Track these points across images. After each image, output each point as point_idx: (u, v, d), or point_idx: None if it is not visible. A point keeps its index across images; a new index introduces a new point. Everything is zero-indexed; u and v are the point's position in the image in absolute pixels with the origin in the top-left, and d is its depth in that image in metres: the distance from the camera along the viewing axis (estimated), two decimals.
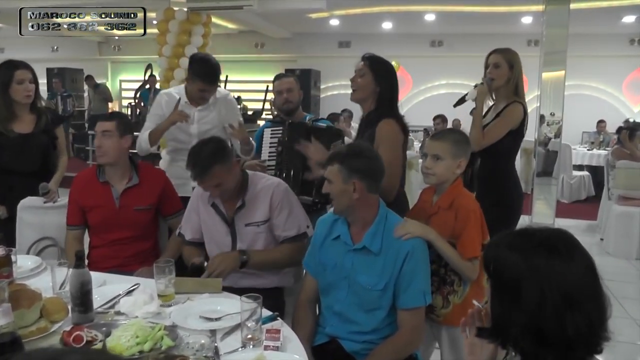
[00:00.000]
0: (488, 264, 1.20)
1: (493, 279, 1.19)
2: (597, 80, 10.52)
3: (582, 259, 1.14)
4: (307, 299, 2.18)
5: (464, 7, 8.73)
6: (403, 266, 1.95)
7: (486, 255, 1.21)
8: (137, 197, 2.70)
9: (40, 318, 1.81)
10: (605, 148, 8.64)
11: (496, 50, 3.10)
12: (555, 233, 1.18)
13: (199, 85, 3.14)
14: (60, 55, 13.55)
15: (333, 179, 2.00)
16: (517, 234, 1.20)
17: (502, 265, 1.15)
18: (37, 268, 2.40)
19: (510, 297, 1.13)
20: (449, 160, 2.17)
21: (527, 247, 1.14)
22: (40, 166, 3.15)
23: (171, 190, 2.87)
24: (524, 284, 1.11)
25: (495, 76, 3.03)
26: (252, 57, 12.30)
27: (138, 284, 2.16)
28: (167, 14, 7.31)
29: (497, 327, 1.18)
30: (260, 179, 2.51)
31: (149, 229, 2.79)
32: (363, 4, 9.04)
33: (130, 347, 1.60)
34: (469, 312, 1.37)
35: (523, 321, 1.11)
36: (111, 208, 2.70)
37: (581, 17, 7.98)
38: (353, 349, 2.01)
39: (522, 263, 1.12)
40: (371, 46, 11.88)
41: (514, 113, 2.98)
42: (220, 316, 1.84)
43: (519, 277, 1.12)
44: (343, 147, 2.07)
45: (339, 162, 1.99)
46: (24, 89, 3.03)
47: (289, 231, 2.44)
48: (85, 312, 1.85)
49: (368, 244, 1.99)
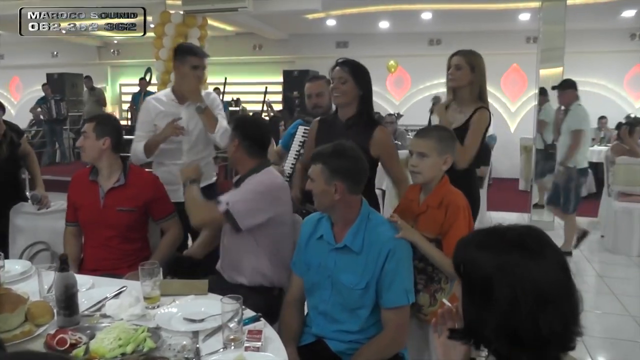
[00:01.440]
0: (458, 264, 1.18)
1: (463, 280, 1.17)
2: (597, 76, 10.47)
3: (553, 256, 1.11)
4: (293, 299, 2.18)
5: (460, 5, 8.71)
6: (385, 265, 1.94)
7: (456, 256, 1.19)
8: (121, 198, 2.70)
9: (25, 322, 1.80)
10: (607, 144, 8.58)
11: (458, 52, 3.08)
12: (526, 230, 1.15)
13: (191, 62, 3.12)
14: (60, 61, 13.61)
15: (315, 178, 2.01)
16: (487, 233, 1.18)
17: (472, 265, 1.13)
18: (26, 272, 2.39)
19: (481, 297, 1.10)
20: (434, 157, 2.16)
21: (497, 246, 1.12)
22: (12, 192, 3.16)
23: (162, 195, 2.84)
24: (495, 284, 1.08)
25: (456, 77, 3.02)
26: (250, 59, 12.31)
27: (125, 286, 2.15)
28: (163, 17, 7.33)
29: (470, 329, 1.16)
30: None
31: (135, 231, 2.77)
32: (359, 4, 9.03)
33: (112, 349, 1.60)
34: (439, 312, 1.36)
35: (496, 322, 1.08)
36: (96, 207, 2.71)
37: (579, 13, 7.96)
38: (339, 349, 2.00)
39: (492, 262, 1.10)
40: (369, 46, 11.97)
41: (482, 121, 2.95)
42: (204, 317, 1.84)
43: (489, 277, 1.09)
44: (327, 146, 2.06)
45: (322, 162, 2.00)
46: None
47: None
48: (70, 315, 1.85)
49: (349, 243, 1.99)
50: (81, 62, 13.44)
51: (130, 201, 2.70)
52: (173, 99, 3.22)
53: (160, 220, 2.83)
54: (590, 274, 5.18)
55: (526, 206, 7.14)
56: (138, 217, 2.75)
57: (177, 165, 3.15)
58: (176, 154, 3.21)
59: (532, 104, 7.89)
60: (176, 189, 3.13)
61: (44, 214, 3.04)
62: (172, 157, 3.22)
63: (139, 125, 3.29)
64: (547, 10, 6.72)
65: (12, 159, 3.14)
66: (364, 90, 2.75)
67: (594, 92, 10.42)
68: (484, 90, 3.05)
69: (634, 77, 10.73)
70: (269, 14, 8.44)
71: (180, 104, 3.20)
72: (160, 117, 3.19)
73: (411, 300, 1.98)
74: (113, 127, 2.75)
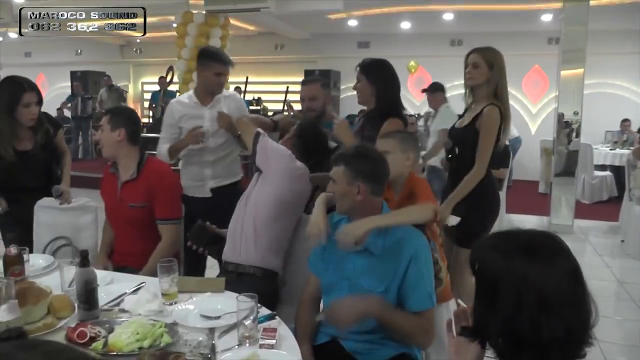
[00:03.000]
0: (473, 263, 1.20)
1: (476, 279, 1.19)
2: (620, 78, 10.33)
3: (563, 264, 1.12)
4: (310, 298, 2.19)
5: (482, 5, 8.66)
6: (408, 270, 1.95)
7: (472, 255, 1.21)
8: (133, 193, 2.71)
9: (47, 314, 1.85)
10: (629, 147, 8.48)
11: (475, 50, 3.04)
12: (540, 236, 1.16)
13: (215, 69, 3.19)
14: (84, 59, 13.81)
15: (337, 180, 2.02)
16: (502, 235, 1.20)
17: (483, 264, 1.16)
18: (49, 267, 2.47)
19: (488, 297, 1.13)
20: (398, 153, 2.31)
21: (508, 248, 1.13)
22: (46, 182, 3.18)
23: (169, 195, 2.76)
24: (501, 285, 1.11)
25: (474, 76, 2.99)
26: (272, 59, 12.36)
27: (144, 282, 2.20)
28: (185, 17, 7.41)
29: (477, 327, 1.19)
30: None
31: (152, 229, 2.74)
32: (381, 4, 9.03)
33: (130, 343, 1.64)
34: (454, 312, 1.38)
35: (499, 322, 1.11)
36: (115, 200, 2.77)
37: (601, 13, 7.86)
38: (353, 348, 2.01)
39: (501, 263, 1.12)
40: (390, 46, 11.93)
41: (491, 121, 2.91)
42: (220, 315, 1.87)
43: (497, 277, 1.11)
44: (350, 148, 2.10)
45: (345, 164, 2.01)
46: (29, 112, 3.02)
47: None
48: (90, 309, 1.89)
49: (370, 246, 2.00)
50: (104, 60, 13.63)
51: (141, 196, 2.70)
52: (196, 101, 3.29)
53: (158, 220, 2.73)
54: (610, 279, 5.11)
55: (546, 209, 7.08)
56: (148, 214, 2.72)
57: (204, 163, 3.28)
58: (203, 152, 3.28)
59: (553, 105, 7.81)
60: (202, 184, 3.26)
61: (66, 210, 3.08)
62: (200, 155, 3.30)
63: (164, 128, 3.37)
64: (569, 11, 6.66)
65: (47, 149, 3.19)
66: (378, 85, 2.84)
67: (617, 94, 10.30)
68: (503, 89, 2.99)
69: None
70: (290, 14, 8.47)
71: (203, 105, 3.27)
72: (185, 120, 3.27)
73: (434, 302, 1.99)
74: (127, 117, 2.77)
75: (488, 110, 2.91)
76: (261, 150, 2.54)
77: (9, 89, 3.02)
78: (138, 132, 2.79)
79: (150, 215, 2.72)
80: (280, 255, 2.58)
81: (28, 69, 13.98)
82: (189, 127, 3.22)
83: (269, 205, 2.50)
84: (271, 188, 2.52)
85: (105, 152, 2.78)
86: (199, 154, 3.28)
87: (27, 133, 3.10)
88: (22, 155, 3.08)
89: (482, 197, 2.98)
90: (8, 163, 3.03)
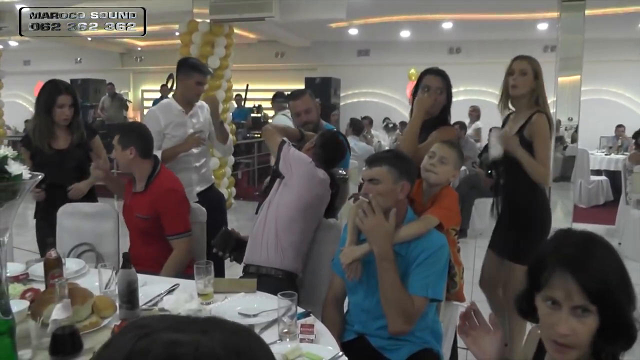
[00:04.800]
0: (594, 288, 1.16)
1: (604, 302, 1.17)
2: (615, 85, 10.53)
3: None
4: (334, 297, 2.29)
5: (480, 14, 8.83)
6: (424, 258, 2.05)
7: (593, 287, 1.16)
8: (140, 205, 2.84)
9: (91, 314, 1.97)
10: (624, 153, 8.63)
11: (522, 57, 2.93)
12: (583, 232, 1.26)
13: (196, 78, 3.37)
14: (84, 67, 13.85)
15: (382, 179, 2.08)
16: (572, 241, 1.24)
17: (611, 287, 1.17)
18: (81, 270, 2.58)
19: (626, 296, 1.19)
20: (451, 167, 2.40)
21: (612, 254, 1.22)
22: (78, 180, 3.37)
23: (170, 209, 2.81)
24: (620, 282, 1.18)
25: (520, 84, 2.88)
26: (273, 66, 12.48)
27: (177, 284, 2.31)
28: (190, 26, 7.49)
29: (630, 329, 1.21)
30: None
31: (155, 238, 2.84)
32: (381, 13, 9.17)
33: None
34: (461, 313, 1.51)
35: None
36: (127, 208, 2.94)
37: (597, 23, 8.03)
38: (379, 344, 2.11)
39: (610, 264, 1.19)
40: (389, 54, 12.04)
41: (543, 128, 2.84)
42: (257, 313, 1.99)
43: (616, 273, 1.19)
44: (385, 151, 2.21)
45: (389, 164, 2.10)
46: (63, 113, 3.28)
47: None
48: (132, 308, 2.00)
49: (396, 248, 2.08)
50: (104, 68, 13.70)
51: (146, 209, 2.81)
52: (180, 108, 3.45)
53: (168, 237, 2.82)
54: None
55: None
56: (152, 225, 2.82)
57: (190, 169, 3.45)
58: (190, 158, 3.45)
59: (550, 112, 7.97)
60: (190, 190, 3.40)
61: (88, 216, 3.18)
62: (187, 161, 3.46)
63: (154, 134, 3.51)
64: (566, 20, 6.80)
65: (82, 148, 3.39)
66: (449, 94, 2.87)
67: (612, 101, 10.48)
68: (544, 101, 2.91)
69: None
70: (294, 23, 8.60)
71: (187, 113, 3.45)
72: (171, 127, 3.42)
73: (430, 295, 2.04)
74: (136, 134, 2.88)
75: (538, 117, 2.84)
76: (284, 157, 2.68)
77: (48, 90, 3.30)
78: (149, 147, 2.89)
79: (156, 226, 2.81)
80: (301, 258, 2.69)
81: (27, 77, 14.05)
82: (176, 134, 3.39)
83: (290, 209, 2.63)
84: (292, 192, 2.64)
85: (121, 169, 2.96)
86: (186, 160, 3.44)
87: (63, 133, 3.34)
88: (57, 153, 3.31)
89: (538, 212, 2.96)
90: (46, 159, 3.24)
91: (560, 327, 1.16)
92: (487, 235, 6.61)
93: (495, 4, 8.09)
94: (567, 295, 1.15)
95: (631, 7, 8.05)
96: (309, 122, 3.22)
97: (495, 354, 1.48)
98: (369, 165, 2.14)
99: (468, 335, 1.53)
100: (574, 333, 1.15)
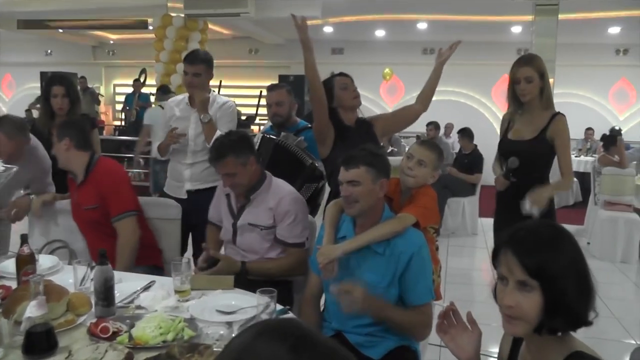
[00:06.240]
0: (536, 270, 1.25)
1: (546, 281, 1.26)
2: (585, 89, 10.76)
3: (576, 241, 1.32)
4: (311, 295, 2.30)
5: (455, 16, 8.92)
6: (409, 266, 2.06)
7: (537, 263, 1.26)
8: (85, 196, 2.80)
9: (66, 311, 1.93)
10: (593, 155, 8.82)
11: (524, 62, 2.91)
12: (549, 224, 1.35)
13: (185, 68, 3.34)
14: (54, 59, 13.59)
15: (362, 180, 2.07)
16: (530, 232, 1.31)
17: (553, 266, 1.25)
18: (54, 267, 2.52)
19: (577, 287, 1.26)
20: (430, 169, 2.37)
21: (554, 242, 1.28)
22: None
23: (113, 189, 2.79)
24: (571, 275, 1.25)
25: (529, 91, 2.87)
26: (246, 63, 12.43)
27: (154, 281, 2.29)
28: (164, 20, 7.43)
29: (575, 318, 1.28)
30: (277, 184, 2.64)
31: (112, 228, 2.78)
32: (357, 12, 9.19)
33: (155, 337, 1.74)
34: (440, 312, 1.55)
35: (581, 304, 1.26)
36: (74, 205, 2.90)
37: (570, 27, 8.20)
38: (357, 341, 2.12)
39: (560, 257, 1.26)
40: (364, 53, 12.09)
41: (567, 130, 2.89)
42: (235, 310, 1.98)
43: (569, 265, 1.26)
44: (361, 150, 2.16)
45: (366, 164, 2.09)
46: (57, 103, 3.53)
47: (289, 239, 2.56)
48: (108, 305, 1.98)
49: (374, 245, 2.10)
50: (76, 61, 13.41)
51: (92, 198, 2.77)
52: (187, 102, 3.42)
53: (113, 219, 2.76)
54: None
55: None
56: (102, 214, 2.78)
57: (182, 164, 3.39)
58: (184, 153, 3.39)
59: None
60: (180, 185, 3.39)
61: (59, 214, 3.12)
62: (179, 156, 3.41)
63: (161, 126, 3.56)
64: (540, 24, 6.94)
65: None
66: None
67: (582, 104, 10.71)
68: (550, 94, 2.94)
69: (618, 91, 11.09)
70: (268, 20, 8.56)
71: (193, 107, 3.38)
72: (174, 120, 3.41)
73: (433, 297, 2.12)
74: (70, 126, 2.87)
75: (561, 119, 2.89)
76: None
77: (46, 80, 3.68)
78: (83, 138, 2.84)
79: (106, 214, 2.78)
80: None
81: None
82: (179, 127, 3.35)
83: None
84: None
85: (60, 164, 2.89)
86: (180, 154, 3.40)
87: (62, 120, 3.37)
88: None
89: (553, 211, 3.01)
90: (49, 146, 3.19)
91: (505, 299, 1.27)
92: (460, 234, 6.81)
93: (470, 6, 8.18)
94: (509, 270, 1.26)
95: (602, 12, 8.23)
96: (278, 115, 3.40)
97: (473, 351, 1.51)
98: (346, 166, 2.11)
99: (446, 334, 1.56)
100: (518, 306, 1.25)
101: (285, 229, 2.55)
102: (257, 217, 2.57)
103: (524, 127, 2.99)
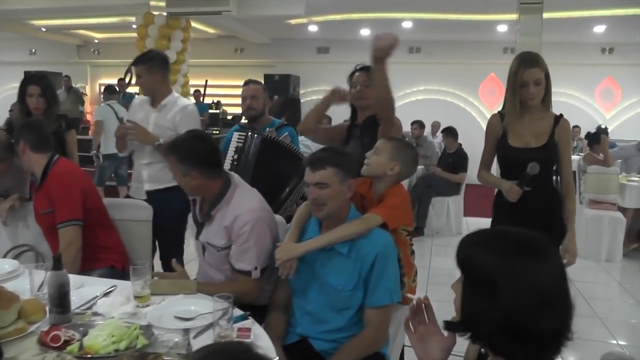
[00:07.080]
0: (462, 260, 1.21)
1: (467, 277, 1.20)
2: (571, 87, 10.75)
3: (555, 260, 1.17)
4: (279, 300, 2.23)
5: (440, 14, 8.88)
6: (373, 266, 2.01)
7: (460, 252, 1.22)
8: (40, 200, 2.74)
9: (18, 319, 1.84)
10: (579, 153, 8.80)
11: (530, 63, 2.68)
12: (531, 235, 1.20)
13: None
14: (39, 59, 13.46)
15: (330, 182, 2.01)
16: (494, 235, 1.24)
17: (477, 263, 1.17)
18: (14, 271, 2.42)
19: (484, 295, 1.14)
20: (383, 157, 2.27)
21: (503, 248, 1.16)
22: None
23: (60, 193, 2.66)
24: (500, 283, 1.12)
25: (538, 94, 2.68)
26: (232, 62, 12.34)
27: (115, 285, 2.21)
28: (146, 18, 7.35)
29: (469, 322, 1.20)
30: (239, 198, 2.28)
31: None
32: (341, 11, 9.14)
33: (106, 345, 1.66)
34: (411, 306, 1.45)
35: (497, 318, 1.13)
36: (35, 209, 2.82)
37: (555, 26, 8.18)
38: (322, 348, 2.07)
39: (499, 263, 1.14)
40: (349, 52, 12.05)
41: (569, 132, 2.77)
42: (194, 316, 1.90)
43: (495, 276, 1.13)
44: (326, 150, 2.10)
45: (333, 165, 2.02)
46: (32, 102, 3.49)
47: (236, 263, 2.24)
48: (63, 312, 1.89)
49: (337, 246, 2.05)
50: (60, 60, 13.30)
51: (45, 202, 2.70)
52: (148, 102, 3.41)
53: (59, 225, 2.64)
54: None
55: None
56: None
57: (141, 165, 3.39)
58: (142, 153, 3.37)
59: None
60: (140, 186, 3.38)
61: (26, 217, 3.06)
62: (139, 156, 3.40)
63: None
64: (525, 23, 6.91)
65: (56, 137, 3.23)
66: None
67: (568, 103, 10.70)
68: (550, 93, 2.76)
69: (604, 90, 11.12)
70: (252, 18, 8.50)
71: (153, 107, 3.38)
72: (139, 119, 3.38)
73: (395, 299, 2.05)
74: (25, 128, 2.80)
75: (565, 122, 2.75)
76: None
77: (22, 80, 3.58)
78: (39, 140, 2.75)
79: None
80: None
81: None
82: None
83: None
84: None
85: (24, 168, 2.90)
86: (139, 155, 3.39)
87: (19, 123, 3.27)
88: None
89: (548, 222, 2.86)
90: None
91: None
92: (444, 234, 6.76)
93: (456, 4, 8.15)
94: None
95: (587, 11, 8.22)
96: (252, 108, 3.41)
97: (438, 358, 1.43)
98: (312, 168, 2.04)
99: (415, 331, 1.47)
100: (454, 290, 1.24)
101: (235, 251, 2.22)
102: (214, 236, 2.28)
103: (526, 132, 2.77)
